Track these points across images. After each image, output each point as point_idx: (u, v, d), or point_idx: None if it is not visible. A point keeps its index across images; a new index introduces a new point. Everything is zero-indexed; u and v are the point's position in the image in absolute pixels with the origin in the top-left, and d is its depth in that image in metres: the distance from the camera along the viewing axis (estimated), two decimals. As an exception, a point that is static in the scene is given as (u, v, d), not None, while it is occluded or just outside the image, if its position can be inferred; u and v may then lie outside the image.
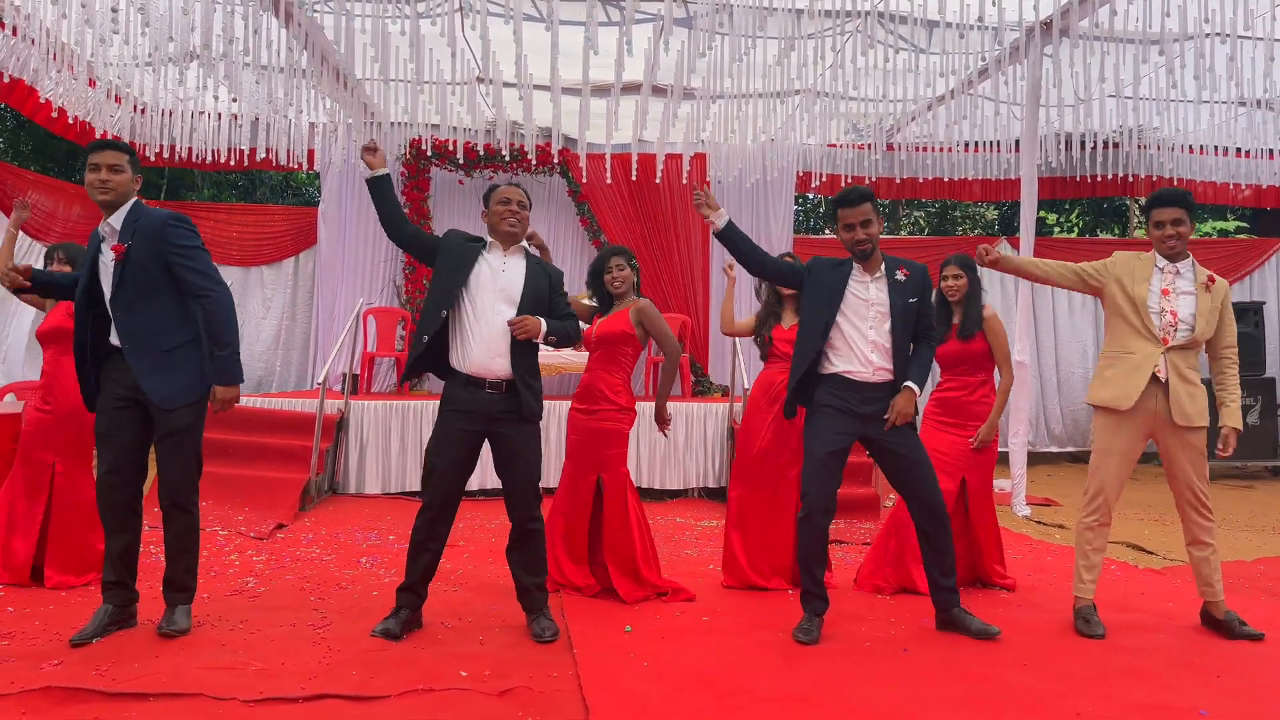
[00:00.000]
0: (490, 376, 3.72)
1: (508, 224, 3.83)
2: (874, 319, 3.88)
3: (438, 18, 6.45)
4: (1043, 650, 3.69)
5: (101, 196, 3.59)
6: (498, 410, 3.74)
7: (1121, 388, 3.94)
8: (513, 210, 3.84)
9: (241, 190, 15.13)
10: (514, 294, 3.79)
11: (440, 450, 3.75)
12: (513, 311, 3.76)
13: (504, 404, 3.75)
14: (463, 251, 3.81)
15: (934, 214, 17.14)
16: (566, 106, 7.99)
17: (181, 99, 8.46)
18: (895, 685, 3.27)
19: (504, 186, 3.92)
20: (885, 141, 9.75)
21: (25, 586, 4.30)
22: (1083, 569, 4.05)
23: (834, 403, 3.88)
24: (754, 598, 4.53)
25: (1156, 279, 4.01)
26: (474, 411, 3.72)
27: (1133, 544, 6.09)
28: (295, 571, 4.90)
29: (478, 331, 3.72)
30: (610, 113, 7.88)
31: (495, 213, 3.85)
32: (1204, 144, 9.76)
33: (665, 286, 10.05)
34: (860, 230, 3.86)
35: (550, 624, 3.78)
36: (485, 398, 3.72)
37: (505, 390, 3.74)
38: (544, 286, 3.88)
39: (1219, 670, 3.46)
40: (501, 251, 3.85)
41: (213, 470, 6.79)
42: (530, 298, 3.81)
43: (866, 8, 6.63)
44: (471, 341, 3.72)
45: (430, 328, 3.71)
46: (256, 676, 3.19)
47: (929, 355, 4.00)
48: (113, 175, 3.58)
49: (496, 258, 3.83)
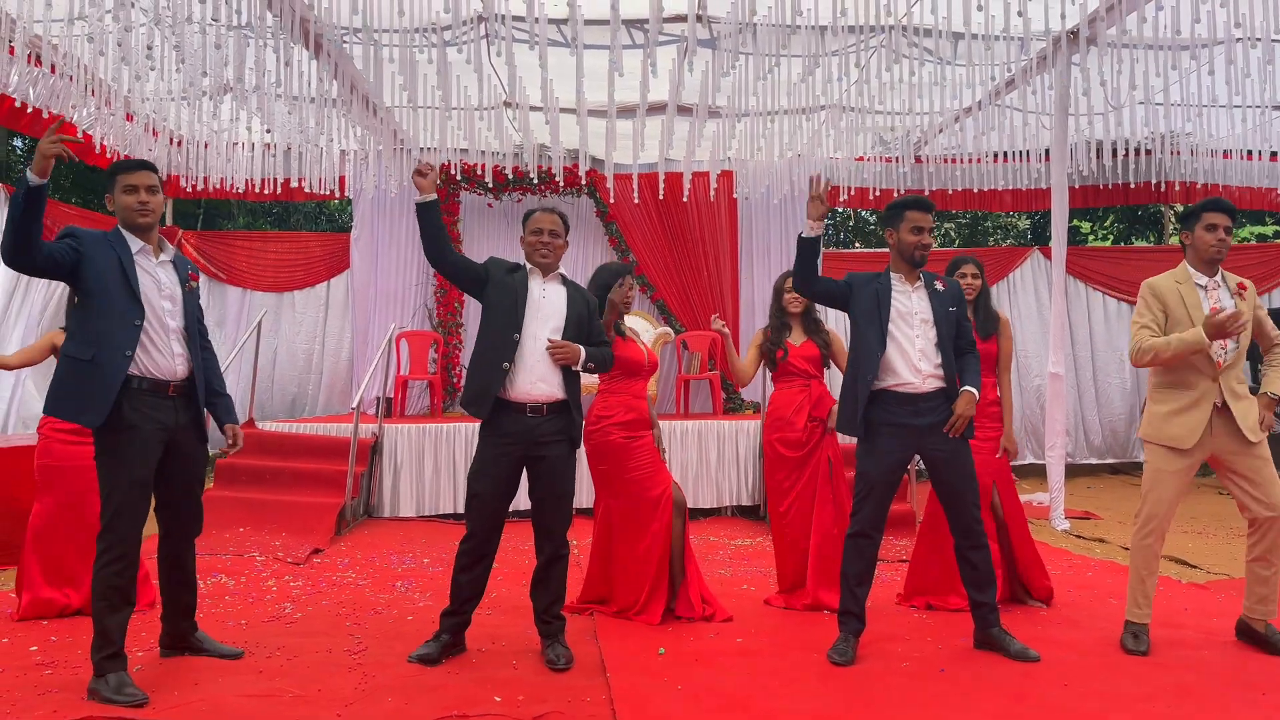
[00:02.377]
0: (533, 401, 3.74)
1: (540, 255, 3.87)
2: (920, 327, 3.88)
3: (464, 45, 6.53)
4: (1084, 668, 3.63)
5: (142, 220, 3.44)
6: (541, 434, 3.75)
7: (1183, 427, 3.81)
8: (544, 241, 3.87)
9: (276, 218, 15.37)
10: (558, 320, 3.83)
11: (483, 476, 3.76)
12: (558, 337, 3.79)
13: (547, 427, 3.77)
14: (510, 281, 3.83)
15: (965, 225, 17.01)
16: (593, 128, 8.05)
17: (216, 131, 8.62)
18: (931, 707, 3.23)
19: (539, 213, 3.92)
20: (913, 154, 9.71)
21: (67, 616, 4.34)
22: (1139, 595, 3.91)
23: (890, 419, 3.85)
24: (790, 617, 4.50)
25: (1204, 300, 3.86)
26: (516, 435, 3.73)
27: (1176, 558, 5.97)
28: (331, 597, 4.94)
29: (522, 357, 3.74)
30: (636, 133, 7.91)
31: (529, 243, 3.89)
32: (1238, 148, 9.61)
33: (694, 304, 10.06)
34: (928, 235, 3.90)
35: (565, 650, 3.76)
36: (529, 422, 3.74)
37: (547, 414, 3.76)
38: (584, 314, 3.92)
39: (1265, 687, 3.38)
40: (541, 278, 3.88)
41: (249, 496, 6.92)
42: (572, 324, 3.85)
43: (891, 22, 6.62)
44: (516, 367, 3.74)
45: (507, 353, 3.71)
46: (293, 703, 3.22)
47: (976, 363, 3.99)
48: (151, 197, 3.46)
49: (536, 284, 3.86)
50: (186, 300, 3.57)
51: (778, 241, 10.22)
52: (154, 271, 3.48)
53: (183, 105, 7.88)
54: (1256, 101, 7.85)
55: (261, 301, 10.12)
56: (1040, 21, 6.53)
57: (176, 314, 3.51)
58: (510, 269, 3.90)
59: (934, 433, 3.84)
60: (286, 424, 8.25)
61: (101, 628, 3.29)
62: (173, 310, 3.50)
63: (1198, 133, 8.62)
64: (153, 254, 3.51)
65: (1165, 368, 3.89)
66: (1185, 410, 3.82)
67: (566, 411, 3.81)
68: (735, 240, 10.17)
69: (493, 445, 3.75)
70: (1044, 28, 6.64)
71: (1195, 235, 3.94)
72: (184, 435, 3.52)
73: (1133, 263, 10.77)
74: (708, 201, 9.86)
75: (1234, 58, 6.24)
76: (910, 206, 3.94)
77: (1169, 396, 3.88)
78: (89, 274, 3.33)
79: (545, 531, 3.83)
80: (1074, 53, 6.74)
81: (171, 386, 3.45)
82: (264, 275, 10.30)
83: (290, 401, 10.31)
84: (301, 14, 6.18)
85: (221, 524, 6.58)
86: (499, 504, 3.78)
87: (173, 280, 3.54)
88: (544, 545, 3.83)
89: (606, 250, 10.11)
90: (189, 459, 3.58)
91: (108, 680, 3.23)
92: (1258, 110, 8.40)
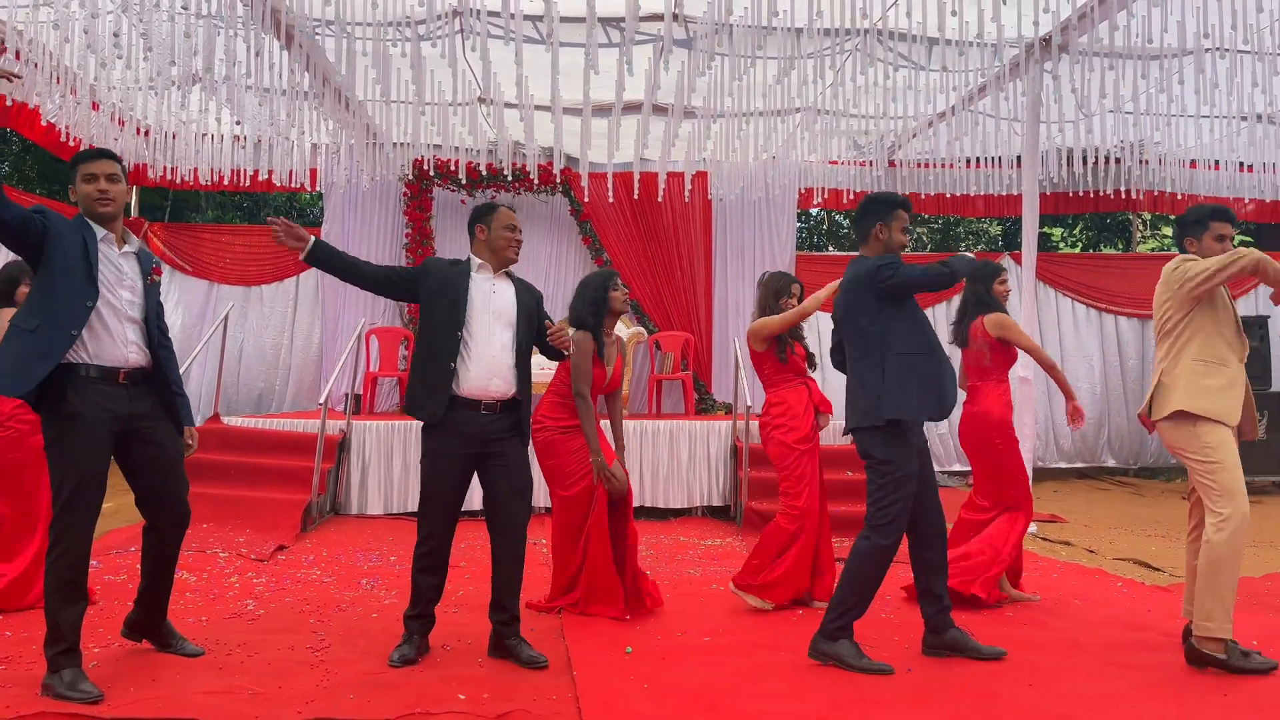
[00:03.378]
0: (488, 398, 3.71)
1: (513, 252, 3.86)
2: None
3: (439, 40, 6.48)
4: (1050, 669, 3.65)
5: (102, 209, 3.39)
6: (494, 432, 3.72)
7: (1229, 401, 3.70)
8: (518, 239, 3.87)
9: (246, 212, 15.19)
10: (509, 316, 3.80)
11: (437, 475, 3.72)
12: (509, 334, 3.77)
13: (500, 424, 3.74)
14: (453, 276, 3.78)
15: (937, 231, 17.14)
16: (568, 126, 8.01)
17: (184, 122, 8.49)
18: (898, 707, 3.23)
19: (505, 209, 3.89)
20: (887, 158, 9.76)
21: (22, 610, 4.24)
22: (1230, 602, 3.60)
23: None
24: (756, 617, 4.50)
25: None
26: (470, 434, 3.69)
27: (1140, 561, 6.03)
28: (295, 594, 4.87)
29: (475, 354, 3.70)
30: (611, 132, 7.89)
31: (502, 238, 3.82)
32: (1206, 158, 9.74)
33: (668, 304, 10.05)
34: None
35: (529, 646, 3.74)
36: (482, 420, 3.70)
37: (500, 410, 3.74)
38: (533, 307, 3.90)
39: (1225, 689, 3.42)
40: (491, 274, 3.84)
41: (214, 492, 6.81)
42: (523, 319, 3.83)
43: (866, 26, 6.64)
44: (469, 364, 3.70)
45: (451, 354, 3.67)
46: (253, 701, 3.17)
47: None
48: (112, 185, 3.41)
49: (486, 280, 3.82)
50: (148, 293, 3.51)
51: (752, 243, 10.22)
52: (116, 260, 3.43)
53: (150, 94, 7.75)
54: (1224, 112, 7.96)
55: (228, 295, 9.98)
56: (1013, 28, 6.58)
57: (137, 305, 3.45)
58: (452, 262, 3.86)
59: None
60: (253, 419, 8.15)
61: (54, 622, 3.22)
62: (133, 301, 3.44)
63: (1166, 142, 8.72)
64: (116, 243, 3.45)
65: (1198, 339, 3.74)
66: (1227, 388, 3.71)
67: (518, 408, 3.80)
68: (710, 241, 10.17)
69: (445, 444, 3.68)
70: (1017, 34, 6.69)
71: (1204, 245, 3.82)
72: (147, 424, 3.44)
73: (1101, 269, 10.90)
74: (682, 202, 9.86)
75: (1203, 68, 6.32)
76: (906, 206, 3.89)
77: (1209, 369, 3.71)
78: (54, 252, 3.28)
79: (503, 527, 3.78)
80: (1046, 60, 6.79)
81: (122, 374, 3.37)
82: (231, 269, 10.17)
83: (257, 397, 10.18)
84: (273, 4, 6.10)
85: (184, 520, 6.49)
86: (454, 504, 3.74)
87: (135, 272, 3.49)
88: (501, 540, 3.77)
89: (580, 249, 10.08)
90: (158, 447, 3.49)
91: (62, 676, 3.16)
92: (1225, 121, 8.51)
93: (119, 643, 3.79)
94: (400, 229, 9.93)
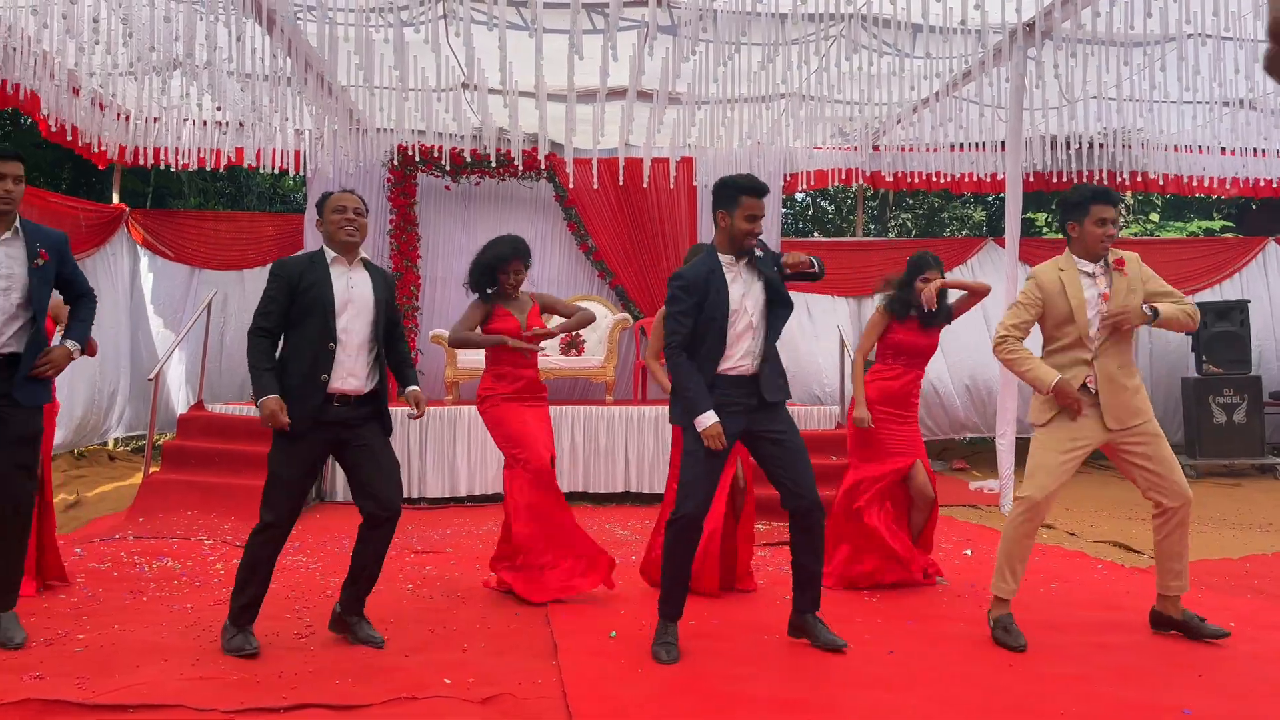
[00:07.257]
0: (341, 394, 3.68)
1: (345, 233, 3.73)
2: None
3: (421, 25, 6.45)
4: (1029, 650, 3.69)
5: (3, 208, 3.57)
6: (350, 419, 3.71)
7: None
8: (349, 219, 3.74)
9: (229, 198, 15.07)
10: (369, 313, 3.76)
11: (290, 463, 3.64)
12: (367, 323, 3.75)
13: (357, 412, 3.73)
14: (310, 270, 3.70)
15: (921, 216, 17.17)
16: (552, 112, 7.99)
17: (165, 107, 8.43)
18: (878, 687, 3.27)
19: (338, 193, 3.82)
20: (871, 144, 9.77)
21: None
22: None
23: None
24: (738, 600, 4.53)
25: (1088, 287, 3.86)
26: (325, 423, 3.66)
27: (1119, 543, 6.10)
28: (280, 580, 4.84)
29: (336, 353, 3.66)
30: (596, 118, 7.87)
31: (332, 221, 3.73)
32: (1189, 143, 9.80)
33: (653, 290, 10.04)
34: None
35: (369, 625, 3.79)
36: (336, 411, 3.67)
37: (355, 402, 3.73)
38: (388, 297, 3.88)
39: (1202, 669, 3.47)
40: (346, 265, 3.76)
41: (198, 479, 6.81)
42: (381, 309, 3.81)
43: (850, 12, 6.64)
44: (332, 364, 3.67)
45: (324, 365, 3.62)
46: (238, 686, 3.18)
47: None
48: (15, 187, 3.59)
49: (342, 273, 3.74)
50: (31, 275, 3.62)
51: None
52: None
53: (130, 80, 7.68)
54: (1206, 98, 8.00)
55: (211, 280, 9.92)
56: (996, 14, 6.60)
57: (14, 291, 3.59)
58: (309, 261, 3.76)
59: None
60: (236, 406, 8.13)
61: None
62: (7, 288, 3.58)
63: (1149, 128, 8.77)
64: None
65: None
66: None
67: (375, 400, 3.81)
68: (695, 227, 10.16)
69: (301, 430, 3.61)
70: (1000, 20, 6.71)
71: (1084, 229, 3.83)
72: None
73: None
74: (667, 188, 9.85)
75: (1185, 54, 6.35)
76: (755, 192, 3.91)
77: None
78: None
79: (370, 495, 3.72)
80: (1029, 46, 6.82)
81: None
82: (213, 254, 10.09)
83: (240, 383, 10.11)
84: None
85: (169, 507, 6.48)
86: (304, 488, 3.72)
87: (12, 258, 3.60)
88: (376, 509, 3.73)
89: (565, 235, 10.06)
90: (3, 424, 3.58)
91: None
92: (1207, 106, 8.56)
93: (105, 630, 3.79)
94: (385, 214, 9.89)
